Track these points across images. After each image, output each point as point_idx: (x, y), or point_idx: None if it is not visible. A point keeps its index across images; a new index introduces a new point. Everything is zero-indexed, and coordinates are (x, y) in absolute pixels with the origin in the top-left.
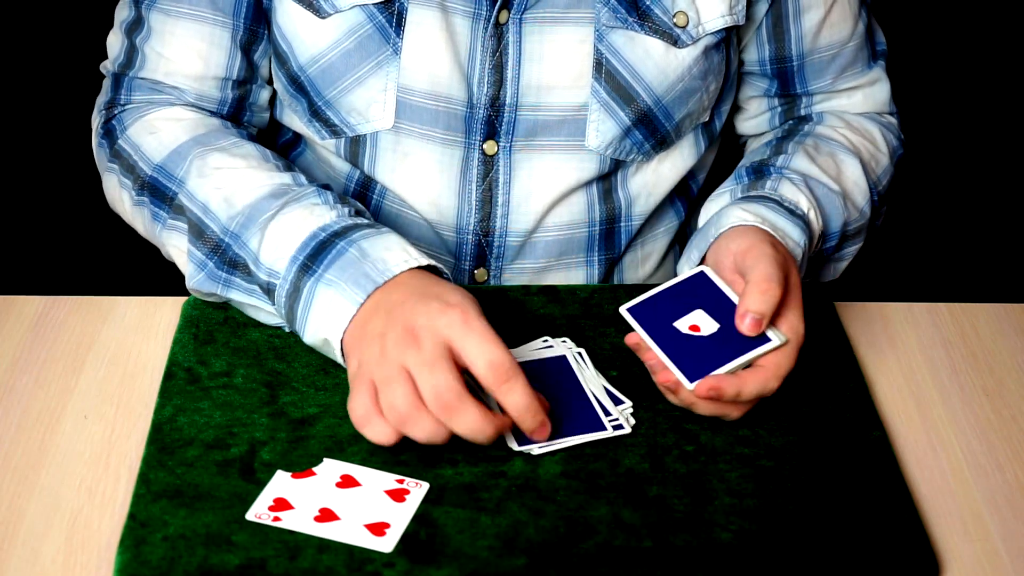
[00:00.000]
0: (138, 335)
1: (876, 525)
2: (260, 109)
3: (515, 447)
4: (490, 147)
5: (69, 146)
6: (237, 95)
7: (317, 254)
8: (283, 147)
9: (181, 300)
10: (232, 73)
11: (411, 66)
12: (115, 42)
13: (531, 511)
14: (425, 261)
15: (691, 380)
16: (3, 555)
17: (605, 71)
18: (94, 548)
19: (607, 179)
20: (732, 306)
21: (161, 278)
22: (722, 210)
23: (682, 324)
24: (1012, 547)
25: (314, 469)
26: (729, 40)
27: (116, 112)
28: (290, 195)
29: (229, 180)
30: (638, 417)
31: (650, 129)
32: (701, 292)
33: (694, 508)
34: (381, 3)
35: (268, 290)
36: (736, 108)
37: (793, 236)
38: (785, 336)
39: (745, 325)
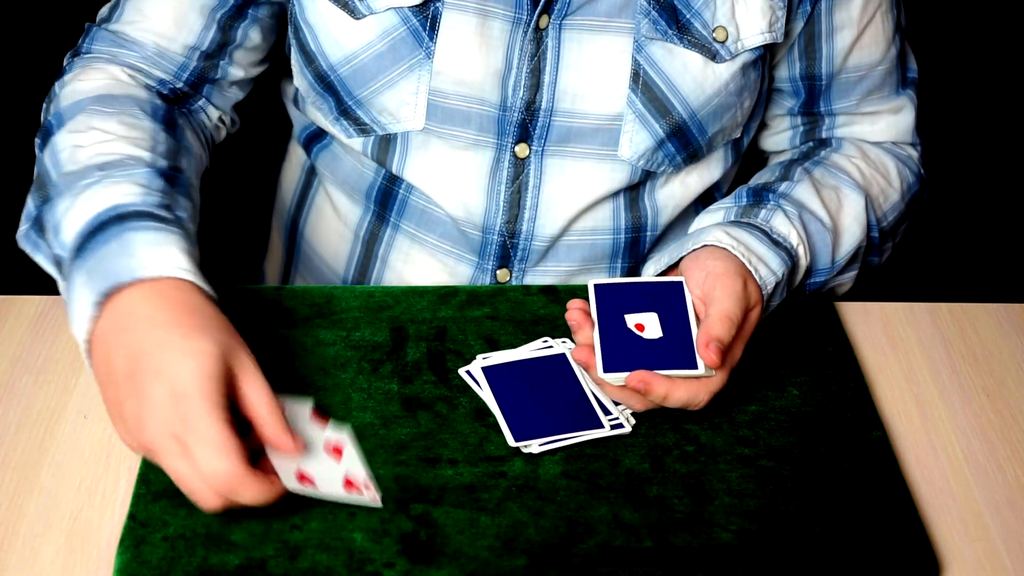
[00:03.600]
0: None
1: (876, 525)
2: (225, 86)
3: (513, 443)
4: (522, 150)
5: None
6: (201, 66)
7: (96, 233)
8: (308, 138)
9: None
10: (202, 44)
11: (444, 69)
12: (107, 3)
13: (531, 511)
14: (191, 277)
15: (606, 369)
16: (3, 555)
17: (642, 82)
18: (94, 548)
19: (635, 189)
20: (686, 324)
21: None
22: (707, 228)
23: (631, 319)
24: (1012, 547)
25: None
26: (765, 57)
27: (73, 59)
28: (123, 168)
29: (91, 141)
30: (638, 417)
31: (683, 142)
32: (667, 299)
33: (694, 508)
34: (416, 6)
35: (59, 264)
36: (760, 124)
37: (771, 264)
38: (712, 371)
39: (712, 352)
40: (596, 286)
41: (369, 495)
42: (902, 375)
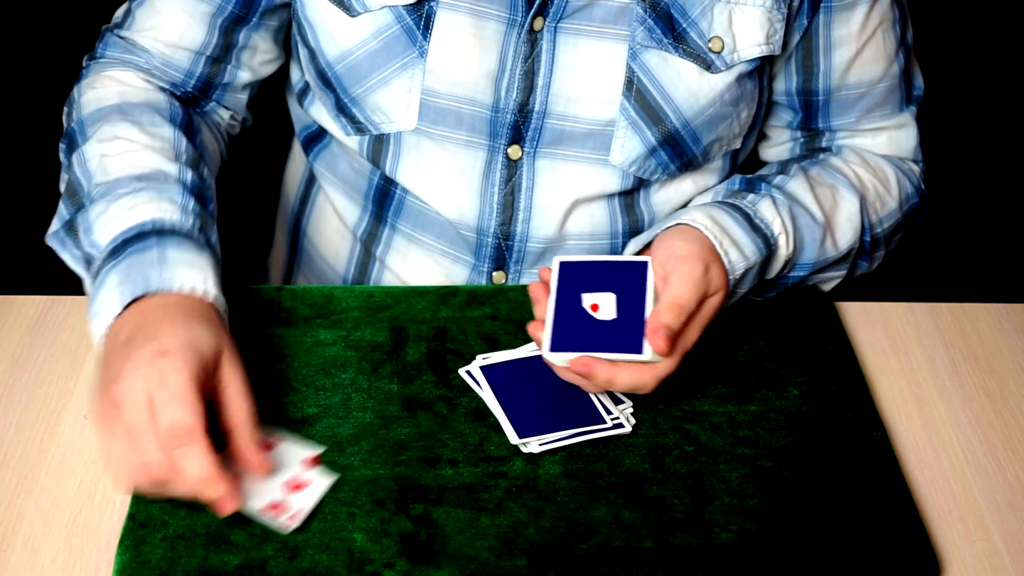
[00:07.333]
0: None
1: (876, 525)
2: (233, 90)
3: (514, 440)
4: (514, 152)
5: None
6: (208, 71)
7: (133, 241)
8: (308, 138)
9: None
10: (207, 50)
11: (437, 69)
12: (122, 5)
13: (531, 511)
14: (218, 304)
15: (552, 349)
16: (3, 555)
17: (636, 89)
18: (93, 548)
19: (630, 194)
20: (642, 307)
21: None
22: (689, 208)
23: (588, 299)
24: (1012, 547)
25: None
26: (763, 69)
27: (89, 63)
28: (157, 182)
29: (119, 150)
30: (638, 417)
31: (676, 151)
32: (629, 280)
33: (694, 508)
34: (411, 5)
35: (88, 262)
36: (760, 135)
37: (745, 249)
38: (659, 356)
39: (659, 339)
40: (562, 263)
41: (284, 521)
42: (902, 375)
